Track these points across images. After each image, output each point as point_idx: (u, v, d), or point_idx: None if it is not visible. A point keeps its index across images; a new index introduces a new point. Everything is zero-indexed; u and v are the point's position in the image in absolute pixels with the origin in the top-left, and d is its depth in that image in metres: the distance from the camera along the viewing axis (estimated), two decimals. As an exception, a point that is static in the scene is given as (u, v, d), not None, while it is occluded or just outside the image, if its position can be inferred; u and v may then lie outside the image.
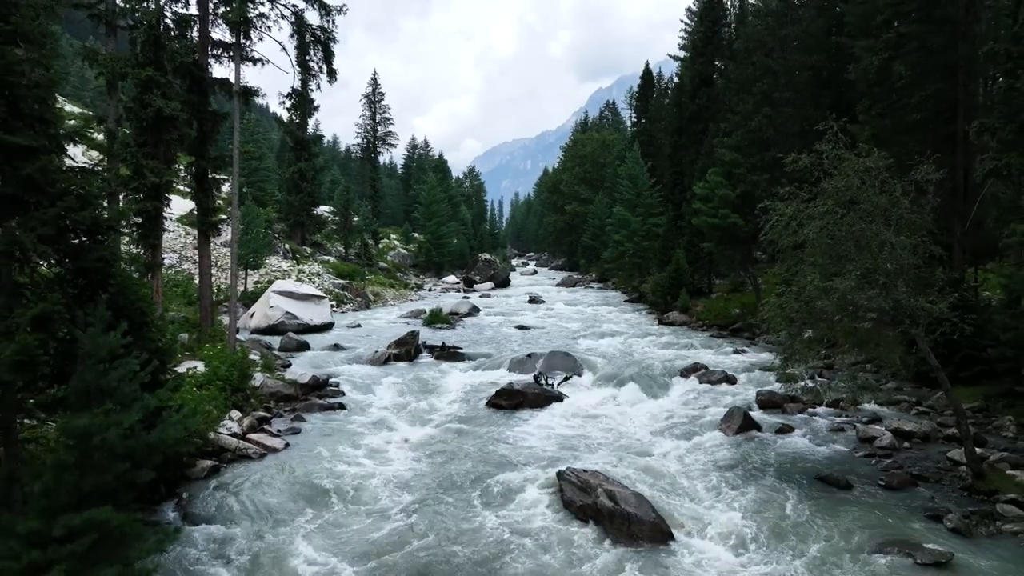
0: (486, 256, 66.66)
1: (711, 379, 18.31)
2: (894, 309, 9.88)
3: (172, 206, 19.39)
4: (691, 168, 40.48)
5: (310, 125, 51.76)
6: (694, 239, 35.40)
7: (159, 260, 17.29)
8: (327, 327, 28.82)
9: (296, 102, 21.57)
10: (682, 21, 58.90)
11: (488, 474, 11.40)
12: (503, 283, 59.63)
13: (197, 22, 16.94)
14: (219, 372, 14.14)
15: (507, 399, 16.17)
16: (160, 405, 8.24)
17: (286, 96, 21.18)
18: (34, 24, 7.14)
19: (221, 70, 56.63)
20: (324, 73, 18.40)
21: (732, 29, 44.96)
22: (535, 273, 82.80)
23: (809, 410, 15.37)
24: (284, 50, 17.75)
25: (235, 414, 13.43)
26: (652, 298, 37.38)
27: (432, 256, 63.37)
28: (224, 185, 19.53)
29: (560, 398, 16.76)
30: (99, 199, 7.95)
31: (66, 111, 9.81)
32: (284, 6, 17.37)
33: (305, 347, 23.41)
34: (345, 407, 15.73)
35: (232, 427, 12.75)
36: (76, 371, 6.99)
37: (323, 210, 55.06)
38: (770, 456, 12.27)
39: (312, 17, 18.12)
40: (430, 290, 53.04)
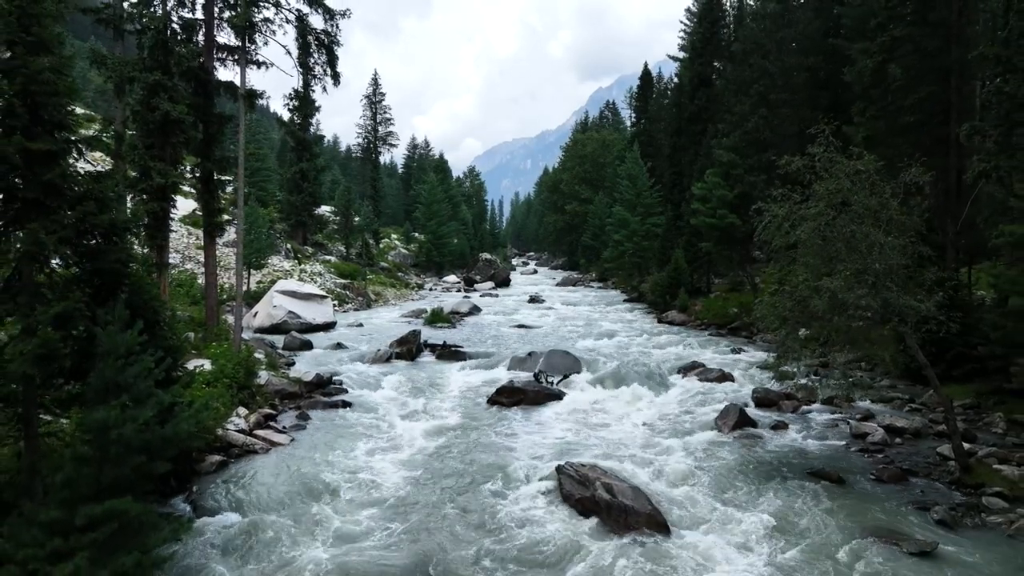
0: (486, 256, 66.98)
1: (709, 377, 18.61)
2: (883, 308, 10.18)
3: (175, 206, 19.65)
4: (690, 168, 40.78)
5: (310, 125, 52.01)
6: (693, 239, 35.70)
7: (165, 260, 17.58)
8: (329, 326, 29.16)
9: (298, 103, 21.90)
10: (681, 22, 59.10)
11: (489, 469, 11.69)
12: (503, 283, 59.93)
13: (203, 26, 17.22)
14: (225, 370, 14.44)
15: (507, 397, 16.44)
16: (173, 401, 8.57)
17: (289, 98, 21.53)
18: (54, 34, 7.43)
19: (225, 72, 56.80)
20: (328, 76, 18.67)
21: (731, 30, 45.19)
22: (535, 273, 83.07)
23: (804, 407, 15.66)
24: (289, 54, 18.06)
25: (242, 411, 13.74)
26: (651, 297, 37.63)
27: (433, 256, 63.65)
28: (228, 186, 19.83)
29: (560, 396, 17.03)
30: (115, 202, 8.25)
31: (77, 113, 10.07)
32: (288, 10, 17.66)
33: (308, 346, 23.72)
34: (349, 404, 16.03)
35: (239, 423, 13.06)
36: (95, 367, 7.29)
37: (324, 210, 55.36)
38: (764, 452, 12.57)
39: (316, 21, 18.45)
40: (431, 290, 53.31)
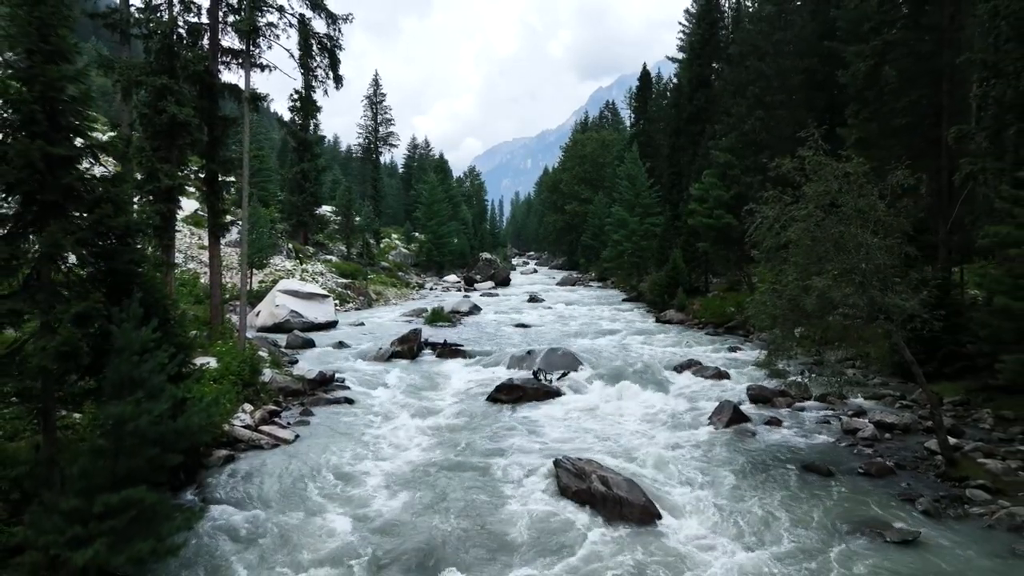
0: (487, 255, 67.34)
1: (705, 375, 18.94)
2: (869, 306, 10.51)
3: (180, 207, 19.96)
4: (689, 169, 41.13)
5: (311, 125, 52.34)
6: (691, 239, 36.03)
7: (171, 260, 17.90)
8: (331, 325, 29.50)
9: (300, 105, 22.22)
10: (680, 23, 59.33)
11: (488, 463, 12.02)
12: (503, 282, 60.29)
13: (208, 31, 17.54)
14: (231, 368, 14.78)
15: (507, 394, 16.75)
16: (184, 396, 8.92)
17: (291, 99, 21.85)
18: (70, 43, 7.75)
19: (229, 75, 57.21)
20: (330, 80, 18.99)
21: (729, 31, 45.49)
22: (535, 272, 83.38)
23: (798, 404, 15.96)
24: (292, 57, 18.36)
25: (247, 407, 14.07)
26: (650, 297, 37.95)
27: (433, 255, 63.98)
28: (231, 187, 20.17)
29: (558, 393, 17.34)
30: (129, 204, 8.57)
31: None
32: (291, 15, 17.97)
33: (310, 344, 24.05)
34: (351, 401, 16.36)
35: (245, 419, 13.39)
36: (111, 363, 7.62)
37: (325, 210, 55.67)
38: (757, 447, 12.90)
39: (319, 25, 18.74)
40: (431, 289, 53.64)
